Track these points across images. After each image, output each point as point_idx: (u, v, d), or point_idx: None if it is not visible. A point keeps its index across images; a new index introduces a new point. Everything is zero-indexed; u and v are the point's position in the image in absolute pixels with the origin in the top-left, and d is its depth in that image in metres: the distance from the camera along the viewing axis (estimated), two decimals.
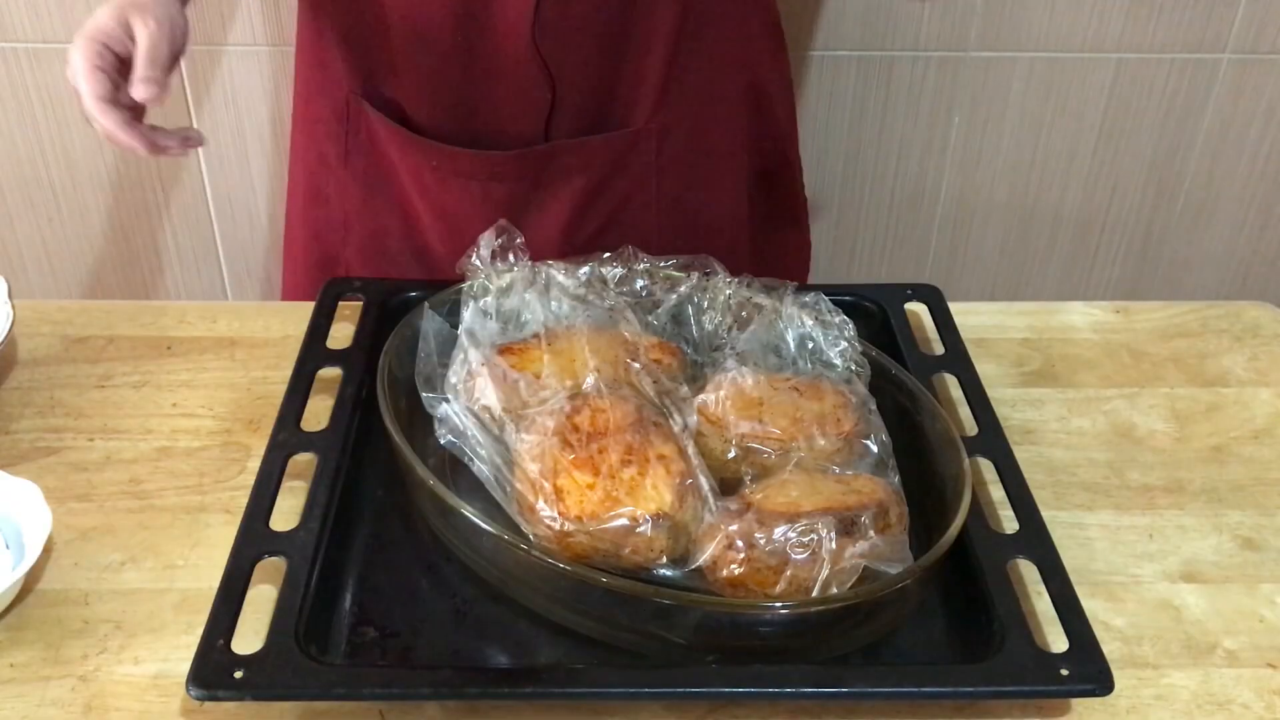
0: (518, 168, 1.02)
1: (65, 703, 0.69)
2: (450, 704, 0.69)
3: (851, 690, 0.67)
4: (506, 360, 0.82)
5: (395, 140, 1.04)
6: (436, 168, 1.03)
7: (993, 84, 1.51)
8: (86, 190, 1.56)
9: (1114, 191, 1.61)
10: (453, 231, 1.05)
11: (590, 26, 0.96)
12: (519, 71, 0.97)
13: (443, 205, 1.05)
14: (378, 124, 1.04)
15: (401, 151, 1.04)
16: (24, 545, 0.76)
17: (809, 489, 0.74)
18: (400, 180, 1.07)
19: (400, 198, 1.08)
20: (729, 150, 1.09)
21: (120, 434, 0.90)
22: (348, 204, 1.10)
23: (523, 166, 1.02)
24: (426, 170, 1.03)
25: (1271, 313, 1.08)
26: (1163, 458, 0.91)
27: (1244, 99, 1.54)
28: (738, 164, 1.11)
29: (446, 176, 1.03)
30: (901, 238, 1.65)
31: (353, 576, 0.77)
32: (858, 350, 0.87)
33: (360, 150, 1.07)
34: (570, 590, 0.71)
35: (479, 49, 0.96)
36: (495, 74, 0.97)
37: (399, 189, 1.08)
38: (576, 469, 0.73)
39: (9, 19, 1.42)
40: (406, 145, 1.03)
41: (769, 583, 0.69)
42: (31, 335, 0.99)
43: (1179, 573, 0.81)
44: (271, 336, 1.01)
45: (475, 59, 0.97)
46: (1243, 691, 0.72)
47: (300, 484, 0.81)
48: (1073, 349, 1.03)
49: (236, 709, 0.69)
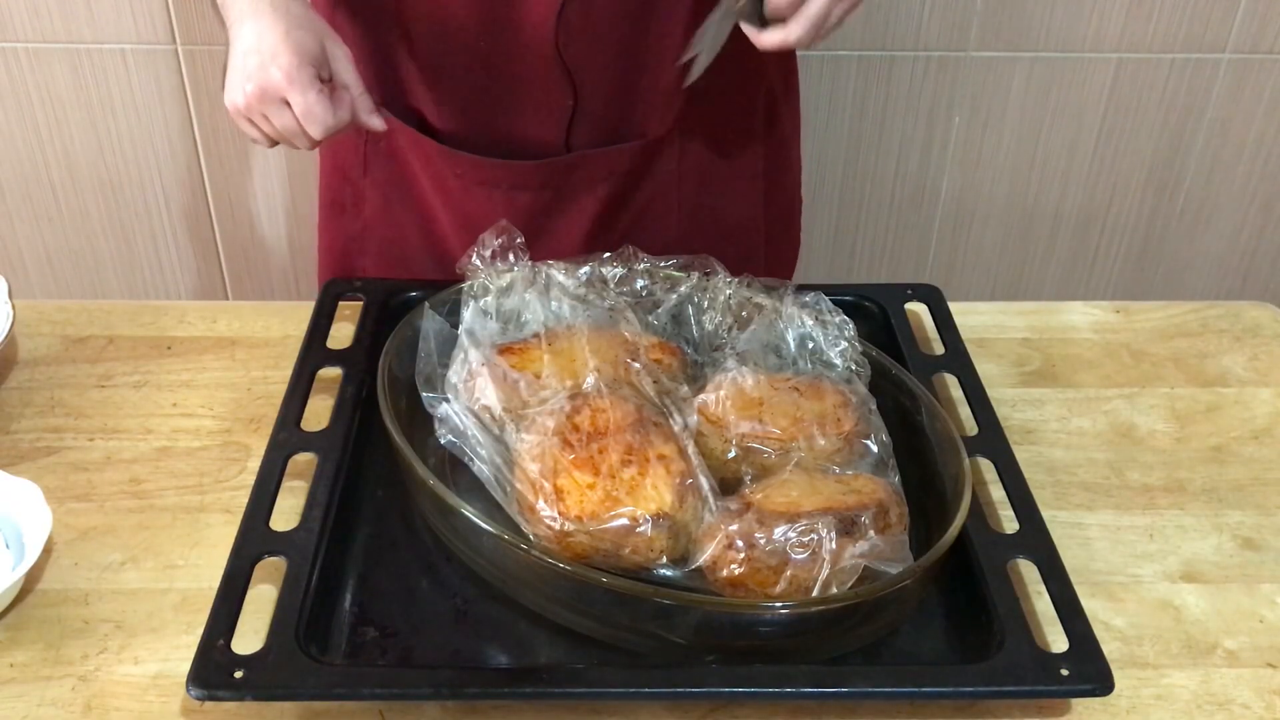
0: (541, 176, 1.02)
1: (65, 703, 0.69)
2: (450, 704, 0.69)
3: (851, 690, 0.67)
4: (506, 360, 0.82)
5: (418, 149, 1.04)
6: (460, 176, 1.03)
7: (993, 84, 1.51)
8: (86, 190, 1.56)
9: (1114, 191, 1.61)
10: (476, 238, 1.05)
11: (611, 33, 0.96)
12: (542, 78, 0.97)
13: (466, 213, 1.05)
14: (400, 133, 1.04)
15: (424, 160, 1.05)
16: (24, 545, 0.76)
17: (809, 489, 0.74)
18: (421, 188, 1.07)
19: (420, 206, 1.08)
20: (746, 155, 1.10)
21: (120, 434, 0.90)
22: (366, 213, 1.10)
23: (546, 175, 1.02)
24: (450, 178, 1.04)
25: (1271, 313, 1.08)
26: (1163, 458, 0.91)
27: (1244, 99, 1.54)
28: (754, 168, 1.11)
29: (470, 185, 1.03)
30: (901, 238, 1.65)
31: (353, 576, 0.77)
32: (858, 350, 0.87)
33: (380, 160, 1.07)
34: (570, 590, 0.71)
35: (502, 55, 0.97)
36: (518, 80, 0.98)
37: (419, 197, 1.08)
38: (577, 469, 0.73)
39: (9, 19, 1.42)
40: (430, 154, 1.04)
41: (769, 583, 0.69)
42: (31, 335, 0.99)
43: (1179, 573, 0.81)
44: (271, 336, 1.01)
45: (498, 65, 0.97)
46: (1243, 691, 0.72)
47: (300, 484, 0.81)
48: (1073, 349, 1.03)
49: (236, 709, 0.69)
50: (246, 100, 0.84)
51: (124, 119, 1.50)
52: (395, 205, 1.09)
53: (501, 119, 1.01)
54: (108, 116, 1.50)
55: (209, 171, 1.55)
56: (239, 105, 0.85)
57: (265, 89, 0.83)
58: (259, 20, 0.84)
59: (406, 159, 1.06)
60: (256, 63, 0.83)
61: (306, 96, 0.83)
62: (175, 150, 1.53)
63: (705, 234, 1.08)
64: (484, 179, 1.02)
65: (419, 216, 1.09)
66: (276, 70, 0.83)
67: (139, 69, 1.46)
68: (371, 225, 1.10)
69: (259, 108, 0.84)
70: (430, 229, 1.09)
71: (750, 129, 1.09)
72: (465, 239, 1.06)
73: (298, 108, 0.83)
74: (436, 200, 1.06)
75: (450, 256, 1.08)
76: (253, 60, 0.83)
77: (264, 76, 0.83)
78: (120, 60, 1.46)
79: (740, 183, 1.10)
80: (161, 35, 1.44)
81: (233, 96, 0.86)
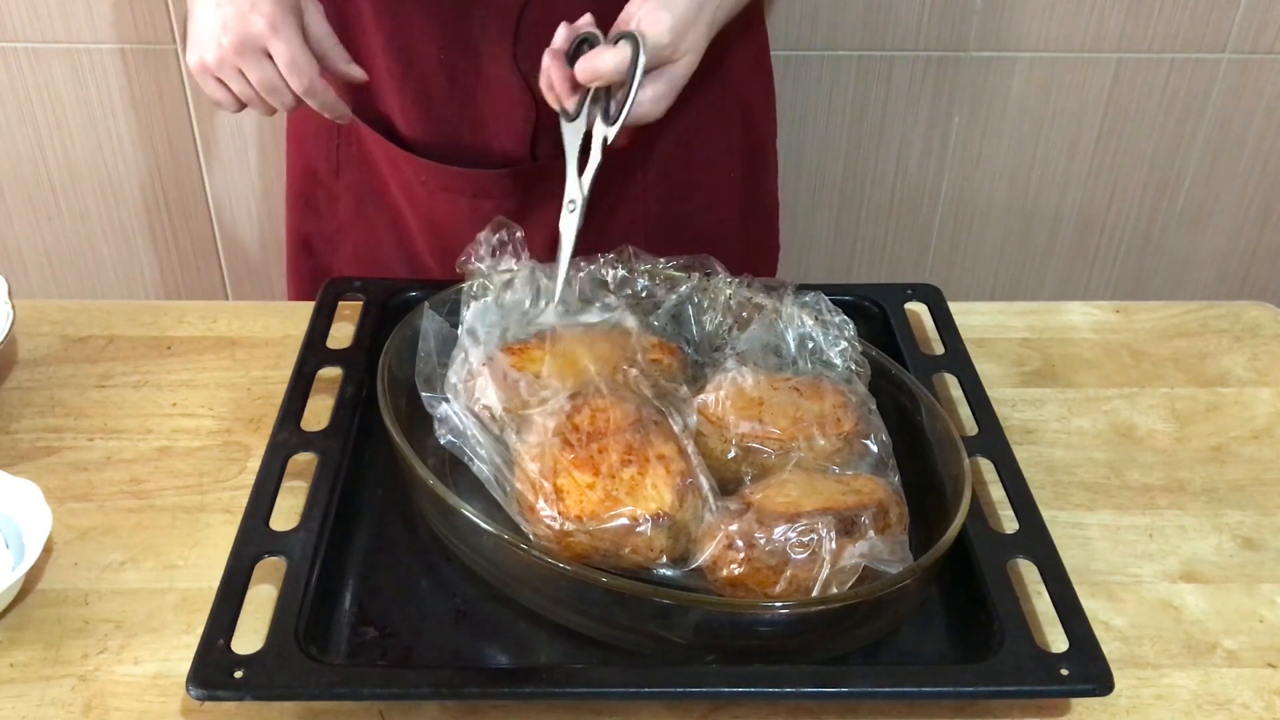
0: (505, 185, 1.02)
1: (65, 703, 0.69)
2: (450, 704, 0.69)
3: (851, 690, 0.67)
4: (507, 360, 0.82)
5: (386, 155, 1.04)
6: (425, 183, 1.03)
7: (993, 84, 1.51)
8: (86, 190, 1.56)
9: (1114, 191, 1.61)
10: (443, 244, 1.05)
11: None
12: (502, 92, 0.97)
13: (432, 219, 1.05)
14: (369, 138, 1.04)
15: (392, 166, 1.05)
16: (24, 545, 0.76)
17: (809, 489, 0.74)
18: (392, 193, 1.07)
19: (392, 209, 1.08)
20: (716, 161, 1.09)
21: (120, 434, 0.90)
22: (339, 215, 1.10)
23: (510, 184, 1.02)
24: (416, 185, 1.04)
25: (1271, 313, 1.08)
26: (1163, 458, 0.91)
27: (1244, 99, 1.54)
28: (726, 174, 1.10)
29: (435, 191, 1.03)
30: (901, 238, 1.65)
31: (353, 576, 0.77)
32: (858, 350, 0.87)
33: (352, 163, 1.07)
34: (570, 590, 0.71)
35: (463, 70, 0.97)
36: (480, 94, 0.98)
37: (391, 201, 1.08)
38: (576, 469, 0.73)
39: (9, 19, 1.42)
40: (396, 160, 1.04)
41: (769, 582, 0.69)
42: (31, 335, 0.99)
43: (1179, 573, 0.81)
44: (271, 336, 1.01)
45: (460, 78, 0.97)
46: (1243, 691, 0.72)
47: (300, 484, 0.81)
48: (1073, 349, 1.03)
49: (236, 709, 0.69)
50: (220, 53, 0.80)
51: (124, 119, 1.50)
52: (368, 207, 1.09)
53: (466, 130, 1.01)
54: (108, 116, 1.50)
55: (209, 171, 1.55)
56: (208, 61, 0.81)
57: (245, 38, 0.79)
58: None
59: (377, 163, 1.06)
60: (234, 12, 0.79)
61: (291, 45, 0.80)
62: (175, 150, 1.53)
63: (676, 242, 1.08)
64: (448, 186, 1.02)
65: (390, 219, 1.09)
66: (259, 18, 0.79)
67: (139, 69, 1.46)
68: (345, 226, 1.10)
69: (235, 60, 0.80)
70: (401, 233, 1.09)
71: (718, 134, 1.08)
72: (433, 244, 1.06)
73: (281, 57, 0.80)
74: (405, 205, 1.07)
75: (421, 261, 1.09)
76: (229, 9, 0.79)
77: (243, 25, 0.79)
78: (120, 60, 1.46)
79: (712, 189, 1.10)
80: (161, 35, 1.44)
81: (201, 52, 0.81)
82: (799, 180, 1.57)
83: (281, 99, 0.83)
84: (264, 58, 0.81)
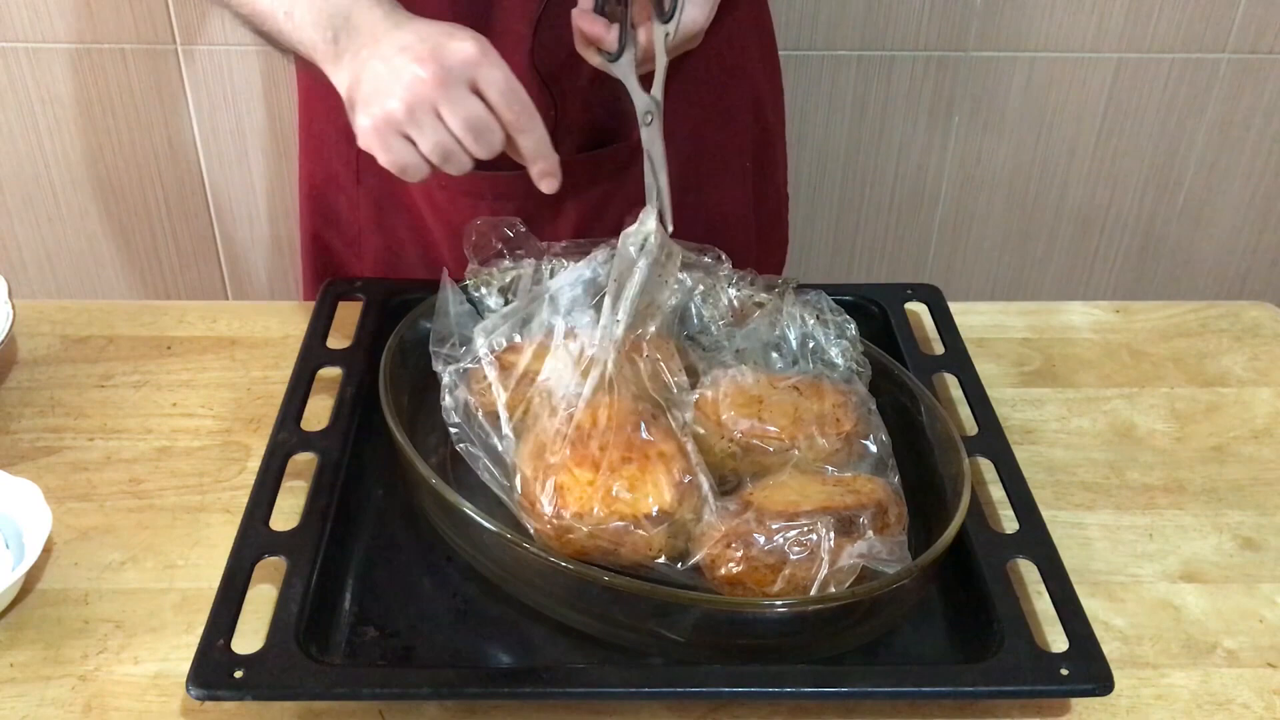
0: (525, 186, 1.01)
1: (65, 703, 0.69)
2: (450, 704, 0.69)
3: (851, 690, 0.67)
4: (509, 358, 0.82)
5: None
6: (445, 188, 1.03)
7: (993, 84, 1.51)
8: (86, 190, 1.56)
9: (1114, 191, 1.61)
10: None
11: None
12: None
13: (453, 222, 1.05)
14: None
15: None
16: (24, 545, 0.76)
17: (808, 488, 0.74)
18: (412, 197, 1.07)
19: (412, 214, 1.08)
20: (731, 154, 1.09)
21: (120, 434, 0.90)
22: (360, 221, 1.10)
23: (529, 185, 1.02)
24: (436, 189, 1.04)
25: (1271, 313, 1.08)
26: (1163, 458, 0.91)
27: (1244, 99, 1.54)
28: (740, 167, 1.11)
29: (456, 196, 1.03)
30: (901, 238, 1.65)
31: (353, 576, 0.77)
32: (858, 349, 0.87)
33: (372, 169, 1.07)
34: (570, 587, 0.71)
35: None
36: None
37: (410, 206, 1.08)
38: (577, 466, 0.73)
39: (9, 19, 1.42)
40: None
41: (767, 582, 0.69)
42: (31, 335, 0.99)
43: (1179, 573, 0.81)
44: (271, 336, 1.01)
45: None
46: (1243, 691, 0.72)
47: (300, 484, 0.81)
48: (1073, 349, 1.03)
49: (236, 709, 0.69)
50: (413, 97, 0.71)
51: (124, 119, 1.50)
52: (388, 214, 1.09)
53: None
54: (108, 116, 1.50)
55: (209, 171, 1.55)
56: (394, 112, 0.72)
57: (449, 68, 0.71)
58: (412, 23, 0.73)
59: None
60: (429, 48, 0.71)
61: (505, 70, 0.71)
62: (175, 150, 1.53)
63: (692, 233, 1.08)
64: (468, 190, 1.02)
65: (411, 225, 1.09)
66: (465, 44, 0.71)
67: (139, 69, 1.46)
68: (365, 232, 1.10)
69: (435, 98, 0.72)
70: (422, 238, 1.09)
71: (734, 128, 1.08)
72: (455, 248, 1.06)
73: (497, 85, 0.72)
74: (426, 209, 1.07)
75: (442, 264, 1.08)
76: (421, 47, 0.71)
77: (445, 56, 0.71)
78: (120, 60, 1.46)
79: (727, 181, 1.10)
80: (161, 35, 1.44)
81: (383, 105, 0.72)
82: (799, 180, 1.57)
83: (490, 140, 0.75)
84: (470, 93, 0.73)
